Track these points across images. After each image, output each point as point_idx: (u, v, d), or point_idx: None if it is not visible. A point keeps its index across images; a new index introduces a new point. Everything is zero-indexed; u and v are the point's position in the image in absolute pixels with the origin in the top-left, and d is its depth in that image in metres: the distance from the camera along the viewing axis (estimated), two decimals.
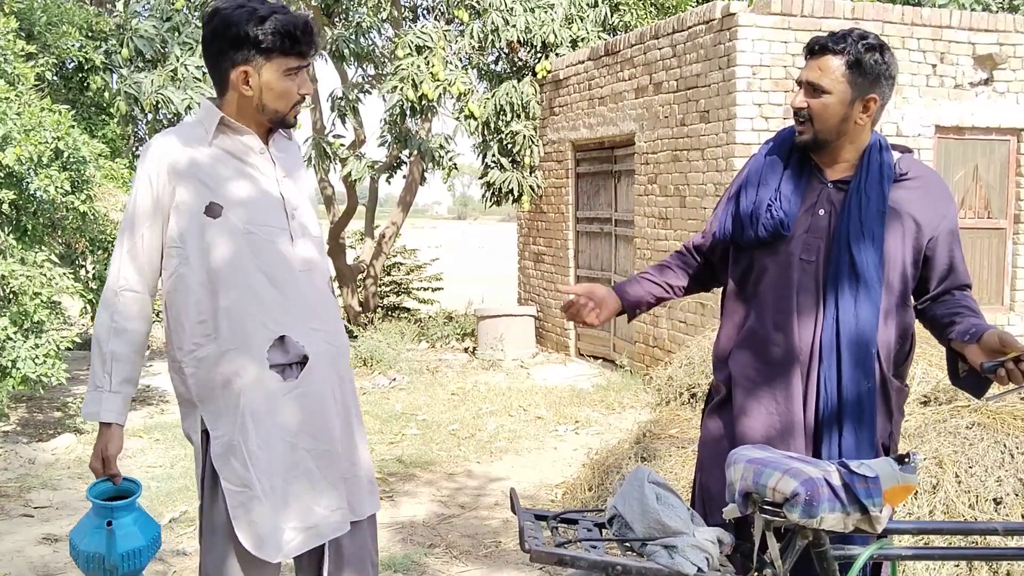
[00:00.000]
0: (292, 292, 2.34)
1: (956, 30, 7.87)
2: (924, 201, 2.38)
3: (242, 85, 2.30)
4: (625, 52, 8.95)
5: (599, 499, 4.67)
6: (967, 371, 2.31)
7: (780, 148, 2.48)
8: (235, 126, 2.34)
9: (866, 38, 2.33)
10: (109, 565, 2.23)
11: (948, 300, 2.40)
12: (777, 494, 1.86)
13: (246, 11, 2.25)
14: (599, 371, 9.29)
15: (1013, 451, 3.73)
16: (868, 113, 2.35)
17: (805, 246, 2.37)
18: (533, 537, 1.88)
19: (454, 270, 18.89)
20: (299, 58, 2.31)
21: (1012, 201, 8.31)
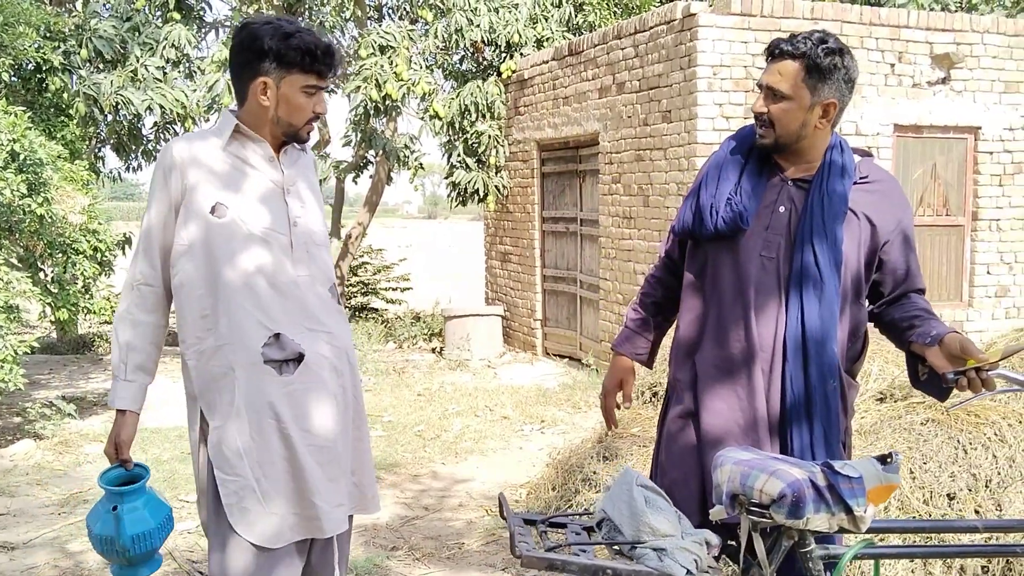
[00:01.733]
0: (291, 294, 2.44)
1: (914, 30, 7.98)
2: (881, 205, 2.40)
3: (260, 95, 2.41)
4: (588, 52, 8.98)
5: (562, 499, 4.68)
6: (927, 374, 2.33)
7: (742, 145, 2.49)
8: (249, 134, 2.45)
9: (826, 42, 2.33)
10: (119, 547, 2.31)
11: (904, 303, 2.42)
12: (764, 496, 1.88)
13: (273, 27, 2.39)
14: (565, 370, 9.32)
15: (966, 447, 3.79)
16: (827, 117, 2.37)
17: (765, 243, 2.39)
18: (524, 542, 1.89)
19: (423, 270, 18.85)
20: (318, 77, 2.43)
21: (970, 198, 8.44)
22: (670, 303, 2.69)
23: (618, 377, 2.73)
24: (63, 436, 6.59)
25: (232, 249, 2.39)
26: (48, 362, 10.09)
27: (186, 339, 2.44)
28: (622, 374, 2.72)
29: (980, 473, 3.67)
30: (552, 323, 10.23)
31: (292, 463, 2.40)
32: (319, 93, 2.47)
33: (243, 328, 2.38)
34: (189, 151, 2.43)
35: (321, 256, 2.56)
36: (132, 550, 2.32)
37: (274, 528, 2.38)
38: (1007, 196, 8.45)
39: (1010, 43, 8.29)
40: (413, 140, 10.58)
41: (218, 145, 2.45)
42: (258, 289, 2.39)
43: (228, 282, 2.38)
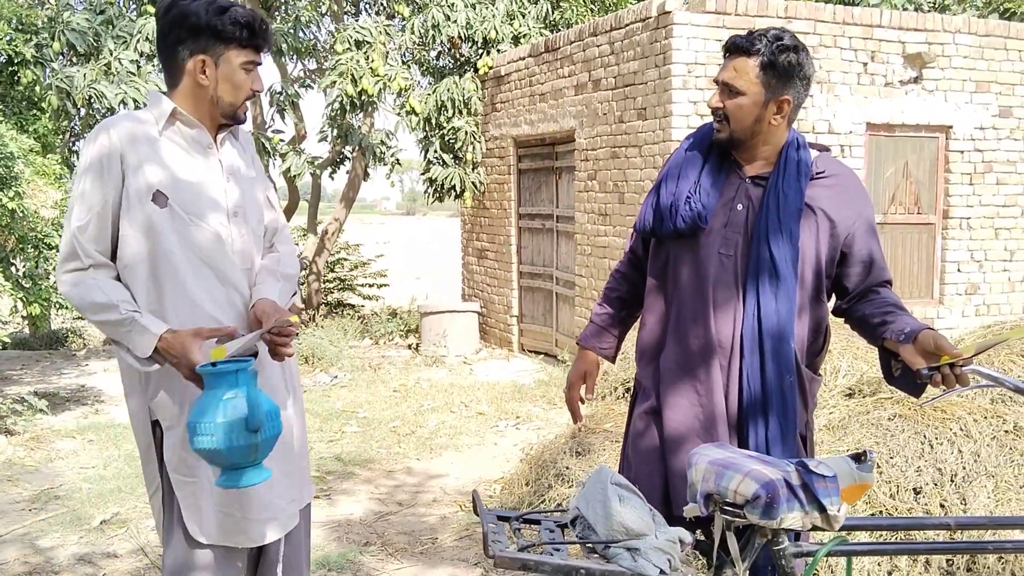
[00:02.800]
0: (237, 286, 2.37)
1: (886, 29, 8.05)
2: (840, 199, 2.42)
3: (199, 74, 2.31)
4: (565, 49, 9.00)
5: (535, 494, 4.70)
6: (900, 370, 2.35)
7: (700, 143, 2.51)
8: (186, 119, 2.35)
9: (781, 39, 2.35)
10: (255, 424, 2.05)
11: (874, 299, 2.43)
12: (738, 496, 1.88)
13: (206, 2, 2.28)
14: (541, 367, 9.34)
15: (932, 441, 3.84)
16: (782, 114, 2.39)
17: (723, 240, 2.41)
18: (497, 542, 1.88)
19: (401, 266, 18.83)
20: (255, 52, 2.35)
21: (941, 197, 8.53)
22: (635, 299, 2.71)
23: (582, 371, 2.73)
24: (35, 432, 6.55)
25: (175, 240, 2.29)
26: (20, 357, 10.00)
27: None
28: (586, 367, 2.73)
29: (946, 468, 3.72)
30: (528, 319, 10.25)
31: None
32: (255, 70, 2.38)
33: (189, 320, 2.28)
34: (127, 136, 2.29)
35: (260, 246, 2.49)
36: (268, 428, 2.09)
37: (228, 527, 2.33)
38: (977, 195, 8.55)
39: (981, 43, 8.38)
40: (389, 136, 10.56)
41: (154, 130, 2.32)
42: (205, 281, 2.31)
43: (174, 274, 2.29)
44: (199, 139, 2.37)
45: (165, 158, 2.31)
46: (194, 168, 2.35)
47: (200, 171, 2.36)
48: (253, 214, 2.47)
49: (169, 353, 2.18)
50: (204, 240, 2.33)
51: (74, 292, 2.26)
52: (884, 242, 8.33)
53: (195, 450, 2.09)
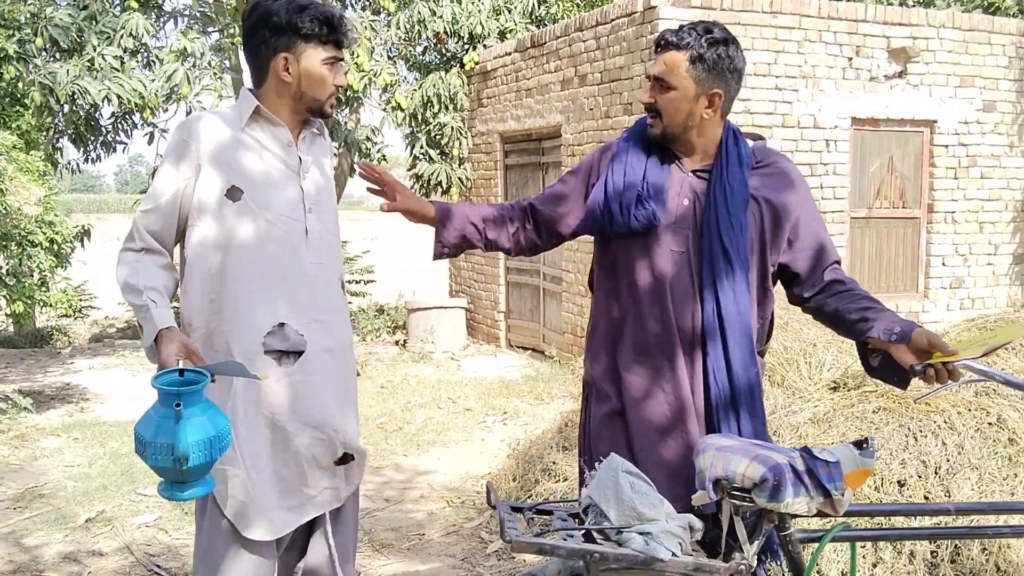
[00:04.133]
0: (300, 284, 2.41)
1: (871, 24, 8.08)
2: (780, 187, 2.44)
3: (282, 72, 2.39)
4: (551, 44, 8.99)
5: (522, 489, 4.71)
6: (880, 360, 2.35)
7: (639, 138, 2.49)
8: (269, 117, 2.42)
9: (710, 32, 2.35)
10: (179, 454, 2.05)
11: (843, 292, 2.42)
12: (746, 480, 1.92)
13: (287, 1, 2.37)
14: (529, 362, 9.35)
15: (916, 434, 3.86)
16: (713, 107, 2.37)
17: (674, 237, 2.40)
18: (512, 528, 1.91)
19: (388, 262, 18.80)
20: (335, 48, 2.42)
21: (926, 191, 8.57)
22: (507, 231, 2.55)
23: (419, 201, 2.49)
24: (19, 430, 6.51)
25: (244, 233, 2.36)
26: (4, 356, 9.95)
27: (192, 322, 2.39)
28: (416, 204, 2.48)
29: (930, 460, 3.74)
30: (515, 315, 10.26)
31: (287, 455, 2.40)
32: (338, 64, 2.45)
33: (247, 315, 2.35)
34: (211, 129, 2.39)
35: (334, 246, 2.55)
36: (192, 459, 2.07)
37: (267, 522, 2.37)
38: (962, 189, 8.60)
39: (965, 38, 8.42)
40: (375, 132, 10.53)
41: (237, 126, 2.41)
42: (267, 276, 2.37)
43: (237, 267, 2.35)
44: (279, 136, 2.44)
45: (244, 154, 2.40)
46: (272, 164, 2.42)
47: (278, 168, 2.43)
48: (329, 210, 2.54)
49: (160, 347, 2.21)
50: (273, 235, 2.39)
51: (119, 269, 2.35)
52: (869, 236, 8.39)
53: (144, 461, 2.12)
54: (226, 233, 2.36)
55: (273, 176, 2.42)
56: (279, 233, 2.39)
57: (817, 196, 8.10)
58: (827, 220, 8.17)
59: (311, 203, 2.46)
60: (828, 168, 8.10)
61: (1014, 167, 8.78)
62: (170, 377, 2.12)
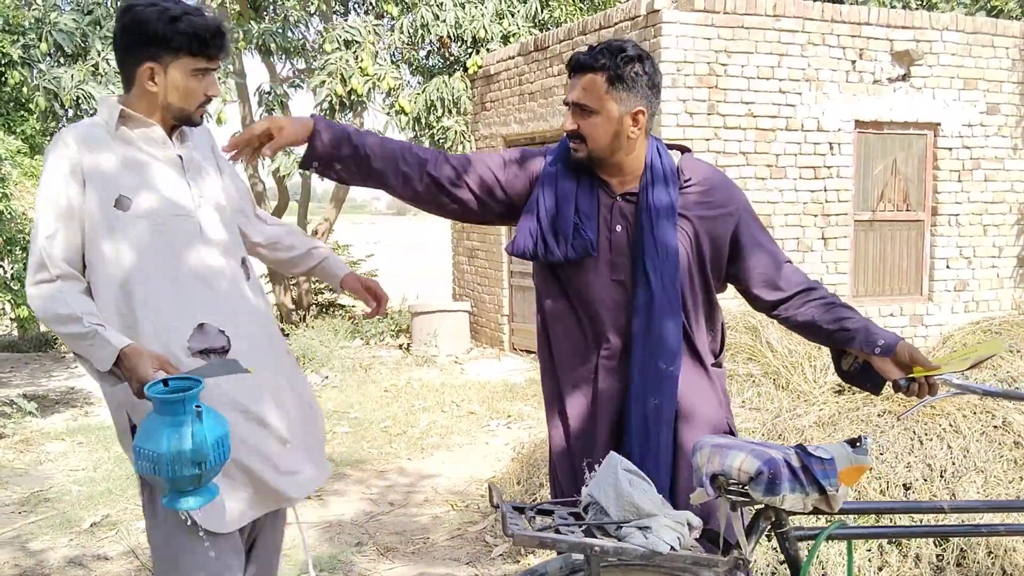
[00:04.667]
0: (207, 280, 2.35)
1: (875, 27, 8.08)
2: (712, 202, 2.39)
3: (147, 81, 2.31)
4: (554, 48, 9.00)
5: (527, 492, 4.71)
6: (855, 367, 2.37)
7: (565, 161, 2.41)
8: (138, 119, 2.34)
9: (624, 50, 2.29)
10: (199, 457, 2.02)
11: (815, 299, 2.40)
12: (742, 474, 1.95)
13: (158, 10, 2.27)
14: (532, 365, 9.34)
15: (922, 437, 3.86)
16: (638, 126, 2.32)
17: (612, 265, 2.37)
18: (515, 523, 1.92)
19: (392, 266, 18.81)
20: (207, 60, 2.33)
21: (930, 194, 8.56)
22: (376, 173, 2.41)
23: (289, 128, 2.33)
24: (24, 435, 6.52)
25: (141, 241, 2.28)
26: (9, 360, 9.97)
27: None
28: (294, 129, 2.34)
29: (935, 463, 3.74)
30: (519, 319, 10.25)
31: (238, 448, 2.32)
32: (210, 75, 2.37)
33: (164, 323, 2.27)
34: (86, 141, 2.29)
35: (231, 233, 2.47)
36: (213, 459, 2.05)
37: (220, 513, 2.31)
38: (966, 191, 8.59)
39: (969, 40, 8.42)
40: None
41: (108, 133, 2.32)
42: (173, 279, 2.30)
43: (142, 276, 2.27)
44: (153, 136, 2.36)
45: (123, 161, 2.32)
46: (153, 166, 2.35)
47: (160, 168, 2.35)
48: (218, 202, 2.45)
49: (127, 367, 2.14)
50: (168, 238, 2.31)
51: (40, 304, 2.23)
52: (873, 239, 8.38)
53: (138, 473, 2.08)
54: (123, 245, 2.27)
55: (157, 178, 2.34)
56: (174, 234, 2.32)
57: (821, 199, 8.09)
58: (831, 223, 8.17)
59: (199, 196, 2.40)
60: (832, 171, 8.10)
61: (1018, 170, 8.77)
62: (159, 387, 2.09)
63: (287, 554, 4.29)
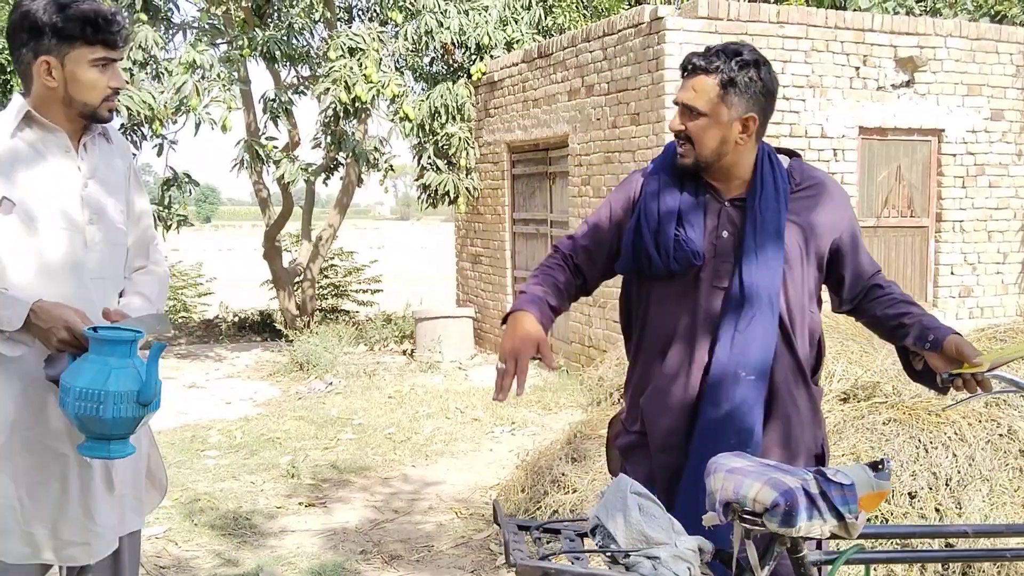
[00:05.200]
0: (79, 301, 2.21)
1: (878, 33, 8.08)
2: (820, 209, 2.36)
3: (45, 76, 2.20)
4: (558, 55, 9.01)
5: (531, 500, 4.70)
6: (923, 365, 2.33)
7: (669, 168, 2.39)
8: (41, 121, 2.24)
9: (740, 55, 2.27)
10: (145, 398, 2.00)
11: (882, 297, 2.40)
12: (757, 504, 1.87)
13: (46, 1, 2.17)
14: (536, 371, 9.33)
15: (927, 446, 3.85)
16: (747, 132, 2.29)
17: (715, 272, 2.33)
18: (518, 550, 1.88)
19: (396, 271, 18.83)
20: (105, 48, 2.22)
21: (934, 200, 8.56)
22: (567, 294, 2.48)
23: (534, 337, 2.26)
24: None
25: (18, 249, 2.18)
26: None
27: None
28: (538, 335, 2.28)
29: (940, 472, 3.73)
30: None
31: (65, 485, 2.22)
32: (112, 65, 2.24)
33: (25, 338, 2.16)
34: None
35: (118, 256, 2.37)
36: (154, 403, 2.04)
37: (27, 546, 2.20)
38: (970, 198, 8.59)
39: (972, 47, 8.42)
40: (383, 142, 10.56)
41: (5, 132, 2.22)
42: (40, 292, 2.17)
43: (11, 288, 2.15)
44: (56, 142, 2.26)
45: (14, 162, 2.21)
46: (48, 172, 2.25)
47: (54, 175, 2.25)
48: (113, 222, 2.36)
49: (41, 319, 2.08)
50: (51, 248, 2.22)
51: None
52: (878, 245, 8.37)
53: (72, 415, 2.03)
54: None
55: (48, 185, 2.22)
56: (56, 246, 2.22)
57: None
58: None
59: (92, 213, 2.28)
60: (836, 177, 8.09)
61: (1022, 176, 8.76)
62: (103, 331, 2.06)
63: (291, 562, 4.30)
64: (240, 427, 6.78)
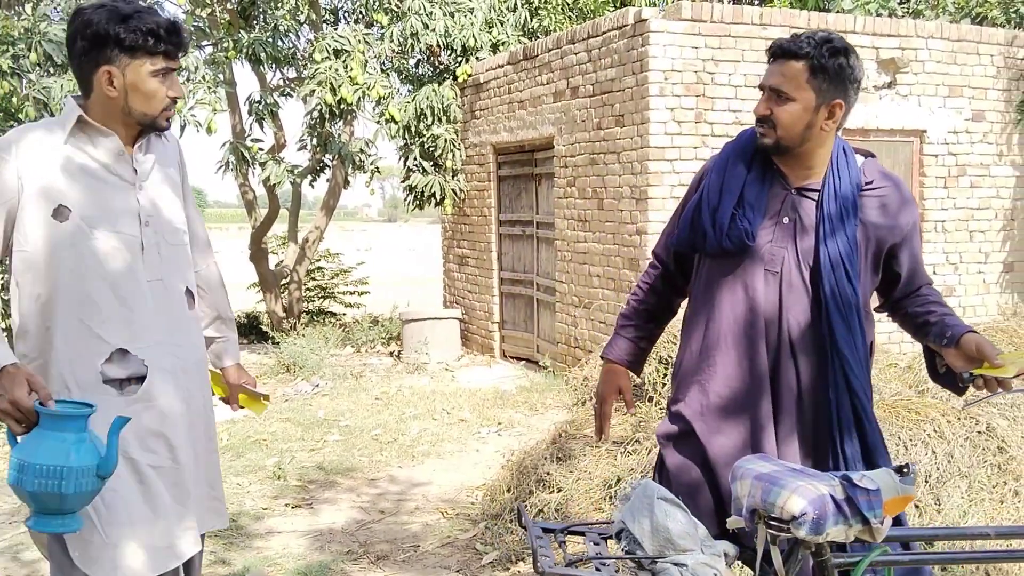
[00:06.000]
0: (136, 304, 2.27)
1: (860, 35, 8.14)
2: (887, 210, 2.38)
3: (106, 86, 2.23)
4: (543, 57, 9.05)
5: (517, 500, 4.73)
6: (945, 368, 2.34)
7: (742, 152, 2.42)
8: (95, 127, 2.26)
9: (830, 41, 2.30)
10: (105, 472, 2.03)
11: (916, 297, 2.43)
12: (785, 512, 1.87)
13: (107, 10, 2.20)
14: (523, 372, 9.37)
15: (907, 443, 3.91)
16: (833, 119, 2.32)
17: (770, 256, 2.34)
18: (545, 556, 1.90)
19: (383, 273, 18.82)
20: (166, 59, 2.26)
21: (916, 200, 8.62)
22: (662, 312, 2.65)
23: (615, 385, 2.65)
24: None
25: (75, 256, 2.21)
26: None
27: (28, 352, 2.24)
28: (619, 381, 2.65)
29: (920, 469, 3.78)
30: (509, 326, 10.29)
31: (139, 491, 2.25)
32: (171, 75, 2.28)
33: (80, 344, 2.21)
34: (31, 145, 2.21)
35: (178, 258, 2.40)
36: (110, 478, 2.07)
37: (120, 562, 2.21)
38: (952, 198, 8.66)
39: (953, 48, 8.50)
40: (369, 144, 10.57)
41: (60, 139, 2.24)
42: (98, 299, 2.22)
43: (67, 294, 2.20)
44: (110, 146, 2.29)
45: (69, 169, 2.24)
46: (102, 177, 2.27)
47: (109, 180, 2.28)
48: (170, 223, 2.39)
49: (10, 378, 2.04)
50: (108, 253, 2.25)
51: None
52: None
53: (28, 491, 2.01)
54: (56, 257, 2.20)
55: (103, 190, 2.26)
56: (113, 251, 2.25)
57: None
58: None
59: (148, 215, 2.32)
60: None
61: (1003, 176, 8.85)
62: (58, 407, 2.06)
63: (278, 563, 4.32)
64: (226, 429, 6.78)
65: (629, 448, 4.62)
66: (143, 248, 2.30)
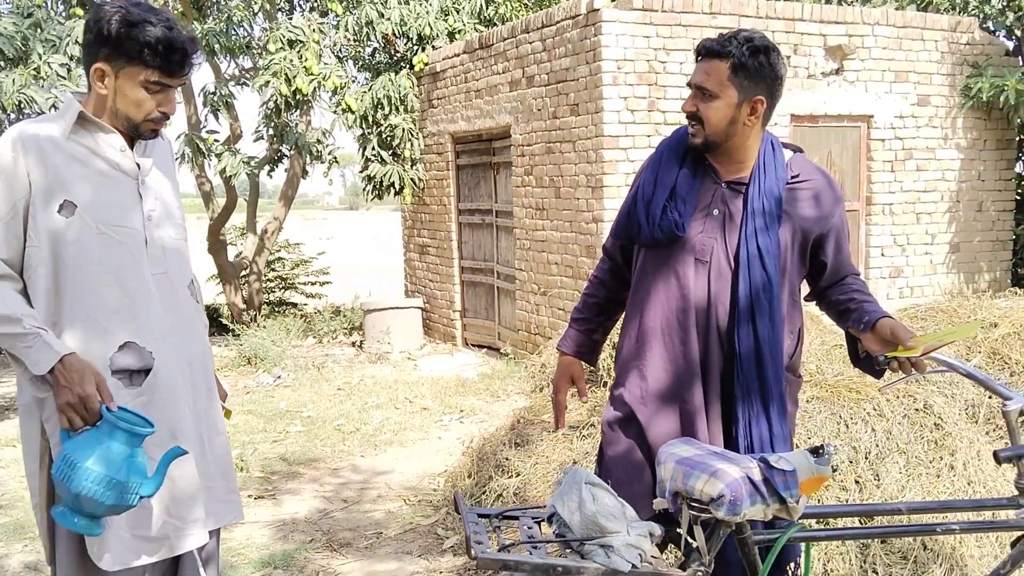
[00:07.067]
0: (142, 297, 2.32)
1: (808, 22, 8.30)
2: (814, 203, 2.47)
3: (97, 82, 2.27)
4: (498, 46, 9.11)
5: (477, 485, 4.84)
6: (866, 354, 2.46)
7: (675, 148, 2.53)
8: (96, 122, 2.30)
9: (751, 40, 2.40)
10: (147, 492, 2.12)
11: (841, 286, 2.55)
12: (704, 495, 2.00)
13: (119, 13, 2.23)
14: (484, 360, 9.47)
15: (848, 421, 4.06)
16: (755, 115, 2.42)
17: (700, 246, 2.45)
18: (479, 543, 1.99)
19: (345, 262, 18.79)
20: (161, 74, 2.27)
21: (864, 184, 8.83)
22: (612, 304, 2.76)
23: (568, 375, 2.79)
24: None
25: (80, 250, 2.25)
26: None
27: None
28: (572, 371, 2.79)
29: (860, 446, 3.94)
30: (471, 314, 10.38)
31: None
32: (167, 91, 2.30)
33: (88, 337, 2.24)
34: (33, 143, 2.24)
35: (179, 252, 2.45)
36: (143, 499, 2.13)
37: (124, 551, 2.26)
38: (899, 181, 8.88)
39: (899, 35, 8.69)
40: (326, 134, 10.57)
41: (62, 134, 2.27)
42: (105, 293, 2.26)
43: (74, 287, 2.24)
44: (111, 142, 2.32)
45: (73, 165, 2.26)
46: (106, 173, 2.31)
47: (112, 175, 2.32)
48: (171, 217, 2.44)
49: (65, 375, 2.10)
50: (111, 249, 2.29)
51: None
52: None
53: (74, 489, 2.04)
54: (63, 252, 2.24)
55: (107, 185, 2.30)
56: (118, 246, 2.29)
57: None
58: None
59: (150, 210, 2.36)
60: None
61: (948, 159, 9.08)
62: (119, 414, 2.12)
63: (241, 553, 4.39)
64: None
65: (584, 432, 4.75)
66: (147, 242, 2.35)
